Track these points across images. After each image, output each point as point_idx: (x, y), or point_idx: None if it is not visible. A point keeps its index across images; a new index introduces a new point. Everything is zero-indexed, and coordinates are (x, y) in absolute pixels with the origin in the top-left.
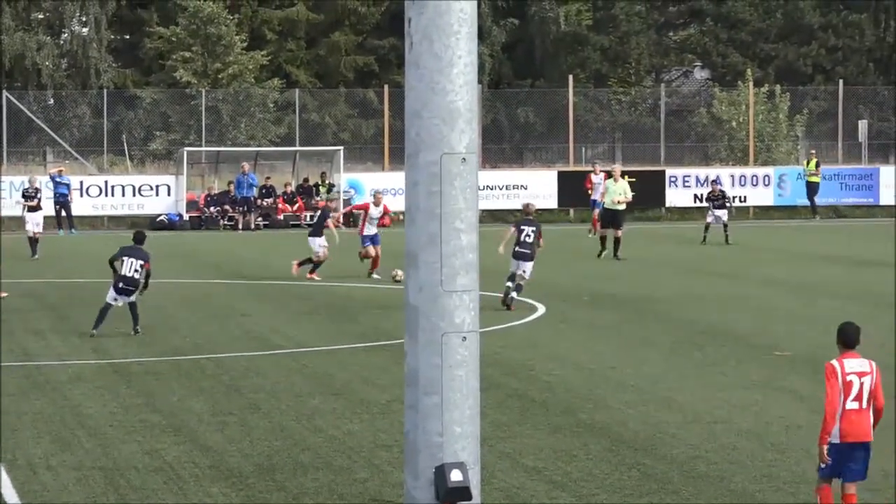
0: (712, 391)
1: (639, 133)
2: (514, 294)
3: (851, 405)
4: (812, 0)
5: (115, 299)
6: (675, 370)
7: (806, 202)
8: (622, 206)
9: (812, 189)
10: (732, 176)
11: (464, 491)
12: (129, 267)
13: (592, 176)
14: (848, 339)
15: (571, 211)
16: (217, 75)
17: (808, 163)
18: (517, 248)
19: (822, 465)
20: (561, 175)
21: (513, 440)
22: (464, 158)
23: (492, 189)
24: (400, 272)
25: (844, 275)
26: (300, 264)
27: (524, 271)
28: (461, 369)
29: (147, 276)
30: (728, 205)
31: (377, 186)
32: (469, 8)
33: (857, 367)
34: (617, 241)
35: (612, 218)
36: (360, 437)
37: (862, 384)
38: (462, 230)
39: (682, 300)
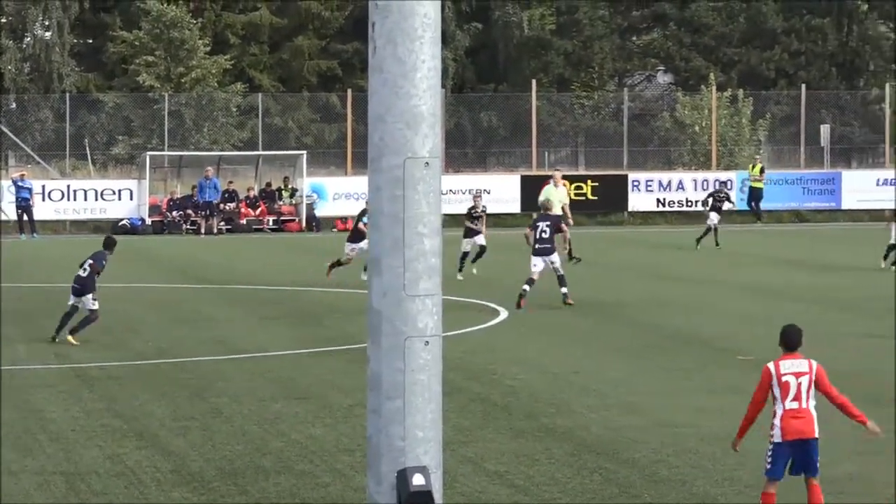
0: (676, 395)
1: (602, 137)
2: (564, 290)
3: (791, 405)
4: (775, 4)
5: (71, 299)
6: (638, 374)
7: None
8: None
9: (755, 194)
10: (695, 180)
11: (426, 495)
12: (81, 266)
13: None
14: (790, 340)
15: (535, 215)
16: (180, 79)
17: (752, 168)
18: (537, 246)
19: (768, 466)
20: (524, 179)
21: (475, 444)
22: (427, 163)
23: (455, 193)
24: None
25: (808, 279)
26: (332, 267)
27: (553, 262)
28: (424, 373)
29: (94, 273)
30: (729, 207)
31: (339, 191)
32: (433, 12)
33: (793, 368)
34: (567, 242)
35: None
36: (322, 441)
37: (800, 384)
38: (425, 234)
39: (646, 304)
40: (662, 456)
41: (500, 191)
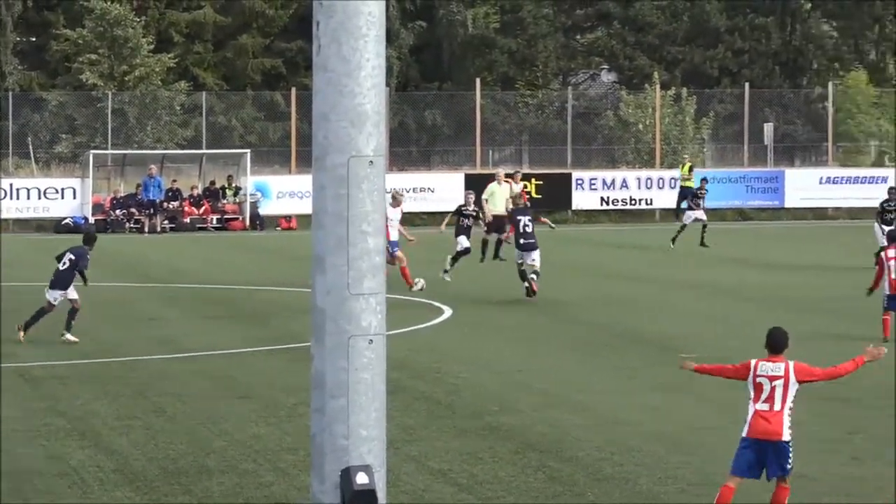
0: (620, 394)
1: (546, 136)
2: (532, 276)
3: (761, 406)
4: (718, 3)
5: (49, 294)
6: (582, 373)
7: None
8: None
9: (685, 194)
10: (639, 179)
11: (369, 494)
12: (60, 260)
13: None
14: (775, 343)
15: (478, 213)
16: (124, 77)
17: (682, 167)
18: (521, 241)
19: (733, 460)
20: (468, 178)
21: (419, 443)
22: (371, 161)
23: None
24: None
25: (753, 277)
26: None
27: (534, 260)
28: (367, 372)
29: (74, 268)
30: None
31: (283, 189)
32: (377, 11)
33: (769, 371)
34: (500, 242)
35: (500, 223)
36: (266, 440)
37: (773, 388)
38: (369, 233)
39: (591, 303)
40: (606, 454)
41: (444, 189)
